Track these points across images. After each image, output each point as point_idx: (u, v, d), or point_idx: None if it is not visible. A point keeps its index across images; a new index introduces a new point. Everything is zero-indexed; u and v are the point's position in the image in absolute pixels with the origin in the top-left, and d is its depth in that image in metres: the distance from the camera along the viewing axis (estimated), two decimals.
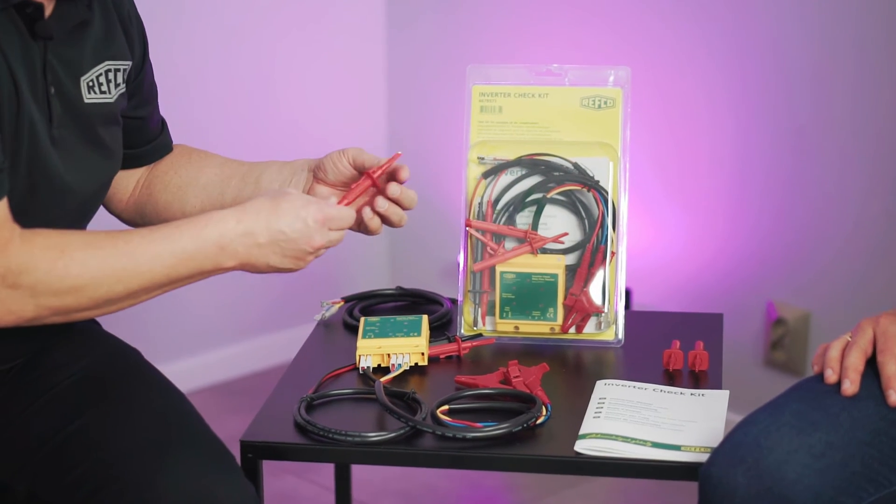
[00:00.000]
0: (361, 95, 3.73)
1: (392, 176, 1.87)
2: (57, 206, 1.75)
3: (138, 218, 2.01)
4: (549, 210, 2.00)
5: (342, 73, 3.69)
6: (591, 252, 1.98)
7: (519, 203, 2.00)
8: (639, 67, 2.40)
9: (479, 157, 2.01)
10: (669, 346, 1.93)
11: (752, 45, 3.01)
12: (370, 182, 1.86)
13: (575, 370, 1.95)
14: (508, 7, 3.41)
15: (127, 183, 1.99)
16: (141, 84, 1.93)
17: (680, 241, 3.19)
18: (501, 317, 1.98)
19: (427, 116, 3.64)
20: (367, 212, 1.86)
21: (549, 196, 2.00)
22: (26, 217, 1.65)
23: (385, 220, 1.87)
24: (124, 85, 1.86)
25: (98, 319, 1.98)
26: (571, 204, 2.00)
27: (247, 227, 1.71)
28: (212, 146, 2.09)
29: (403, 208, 1.87)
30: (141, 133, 1.97)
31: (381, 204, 1.85)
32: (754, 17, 3.00)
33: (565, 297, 1.97)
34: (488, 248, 1.99)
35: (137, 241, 1.66)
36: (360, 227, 1.88)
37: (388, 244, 3.75)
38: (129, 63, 1.86)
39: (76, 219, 1.82)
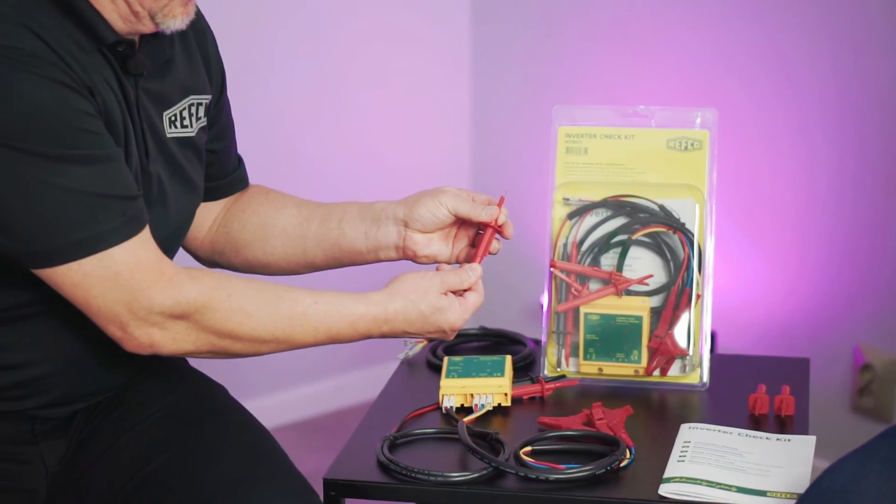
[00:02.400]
0: (446, 134, 3.74)
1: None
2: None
3: (215, 255, 2.03)
4: (634, 252, 1.99)
5: (427, 112, 3.70)
6: (677, 294, 1.97)
7: (604, 244, 2.00)
8: (726, 109, 2.39)
9: (564, 198, 2.01)
10: (755, 391, 1.91)
11: (840, 86, 2.99)
12: (493, 232, 1.88)
13: (659, 413, 1.94)
14: (595, 47, 3.41)
15: (204, 220, 2.02)
16: (218, 117, 1.95)
17: (765, 285, 3.17)
18: (585, 358, 1.98)
19: (512, 156, 3.64)
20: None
21: (634, 238, 1.99)
22: None
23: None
24: (205, 118, 1.89)
25: None
26: (657, 246, 1.99)
27: (393, 329, 1.79)
28: (296, 181, 2.12)
29: (503, 237, 1.92)
30: (218, 167, 1.99)
31: (496, 246, 1.91)
32: (845, 60, 2.98)
33: (650, 340, 1.96)
34: (573, 289, 1.99)
35: (300, 312, 1.73)
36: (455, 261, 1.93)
37: None
38: (210, 97, 1.89)
39: (163, 252, 1.85)
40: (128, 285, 1.65)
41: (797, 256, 3.12)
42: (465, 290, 1.83)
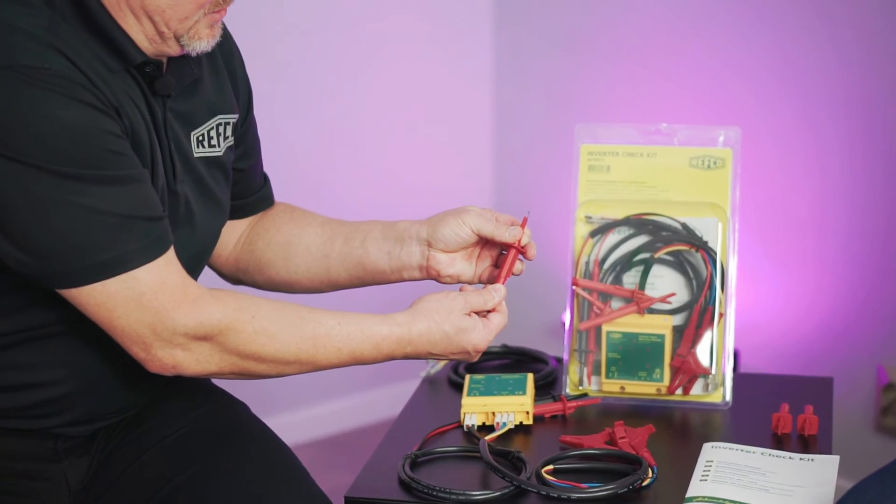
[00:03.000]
0: (468, 152, 3.74)
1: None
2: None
3: (240, 273, 2.04)
4: (656, 270, 1.99)
5: (449, 130, 3.71)
6: (699, 313, 1.96)
7: (626, 262, 1.99)
8: (749, 127, 2.39)
9: (586, 216, 2.01)
10: (778, 410, 1.90)
11: (863, 105, 2.98)
12: (517, 253, 1.88)
13: (681, 432, 1.94)
14: (618, 65, 3.41)
15: (228, 237, 2.02)
16: (245, 136, 1.96)
17: (788, 303, 3.16)
18: (607, 377, 1.97)
19: (534, 174, 3.64)
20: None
21: (656, 256, 1.99)
22: None
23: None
24: (232, 138, 1.89)
25: None
26: (679, 264, 1.99)
27: (417, 350, 1.78)
28: (317, 199, 2.13)
29: (525, 258, 1.91)
30: (244, 185, 2.00)
31: (519, 267, 1.90)
32: (868, 79, 2.97)
33: (672, 358, 1.96)
34: (595, 308, 1.98)
35: (324, 333, 1.73)
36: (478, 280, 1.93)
37: None
38: (237, 116, 1.89)
39: (190, 272, 1.85)
40: (152, 306, 1.65)
41: (820, 275, 3.11)
42: (489, 311, 1.82)
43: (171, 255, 1.68)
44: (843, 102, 3.01)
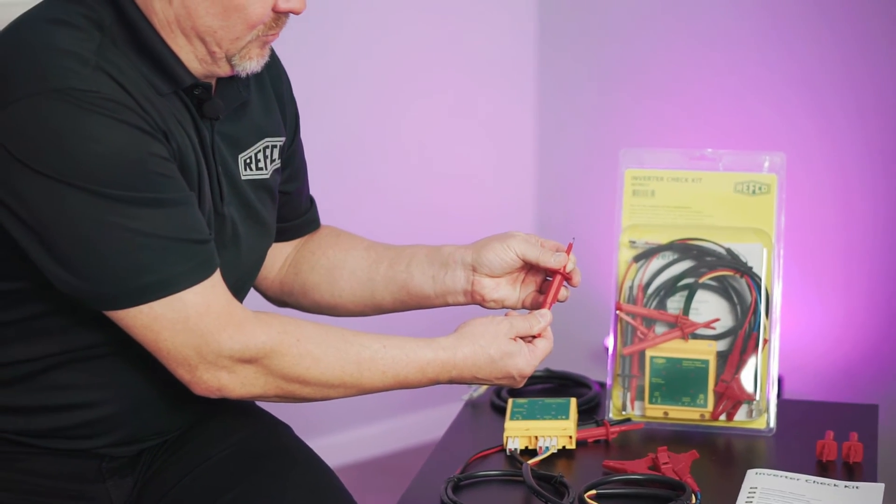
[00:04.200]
0: (511, 177, 3.75)
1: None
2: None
3: (285, 296, 2.04)
4: (700, 295, 1.98)
5: (492, 155, 3.72)
6: (743, 339, 1.96)
7: (670, 287, 1.99)
8: (794, 153, 2.39)
9: (630, 241, 2.01)
10: (822, 437, 1.89)
11: None
12: (562, 279, 1.88)
13: (725, 458, 1.93)
14: (662, 90, 3.41)
15: (274, 260, 2.03)
16: (292, 159, 1.97)
17: (833, 329, 3.14)
18: (651, 402, 1.97)
19: (577, 199, 3.64)
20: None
21: (700, 281, 1.98)
22: None
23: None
24: (279, 160, 1.90)
25: None
26: (723, 290, 1.98)
27: (461, 374, 1.78)
28: (359, 221, 2.13)
29: (570, 285, 1.92)
30: (290, 207, 2.01)
31: (564, 294, 1.90)
32: None
33: (716, 384, 1.95)
34: (638, 333, 1.98)
35: (369, 357, 1.73)
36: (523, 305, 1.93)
37: None
38: (284, 139, 1.90)
39: (235, 293, 1.86)
40: (197, 329, 1.66)
41: (865, 301, 3.09)
42: (534, 337, 1.82)
43: (217, 278, 1.69)
44: (886, 129, 3.00)
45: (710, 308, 1.98)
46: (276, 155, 1.89)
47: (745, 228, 1.99)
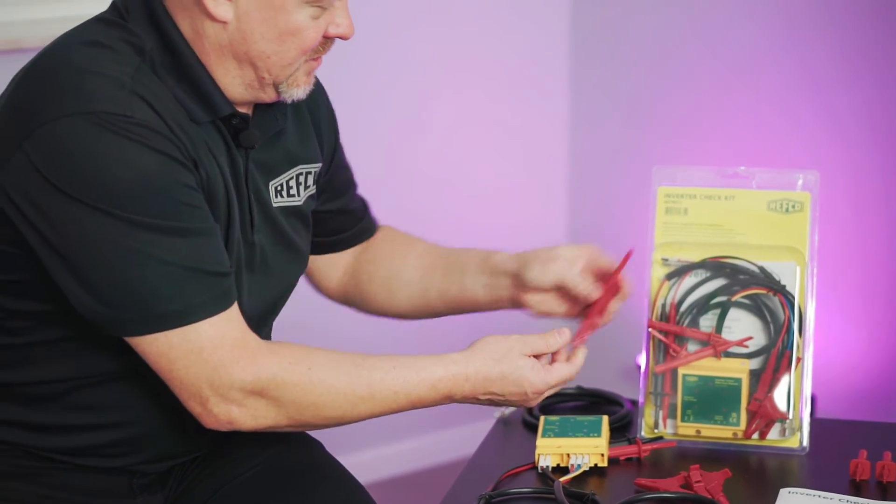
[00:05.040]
0: (544, 192, 3.75)
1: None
2: (249, 307, 1.80)
3: (348, 302, 2.09)
4: (733, 313, 1.98)
5: (525, 171, 3.72)
6: (776, 357, 1.95)
7: (703, 305, 1.98)
8: (828, 171, 2.38)
9: (663, 259, 2.01)
10: (856, 456, 1.88)
11: None
12: (616, 291, 1.89)
13: (758, 477, 1.92)
14: (695, 108, 3.40)
15: (333, 271, 2.05)
16: (332, 181, 1.97)
17: (867, 348, 3.13)
18: (683, 420, 1.96)
19: (610, 216, 3.64)
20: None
21: (733, 299, 1.98)
22: None
23: None
24: (314, 186, 1.90)
25: None
26: (756, 308, 1.97)
27: (474, 388, 1.77)
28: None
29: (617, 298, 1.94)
30: (340, 221, 2.02)
31: (615, 305, 1.92)
32: None
33: (749, 402, 1.94)
34: (671, 350, 1.98)
35: (380, 378, 1.72)
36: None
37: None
38: (320, 165, 1.91)
39: (263, 318, 1.87)
40: (211, 360, 1.65)
41: None
42: (554, 355, 1.82)
43: (234, 311, 1.69)
44: None
45: (742, 326, 1.98)
46: (310, 181, 1.89)
47: (779, 247, 1.98)
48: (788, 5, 3.21)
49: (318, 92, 1.92)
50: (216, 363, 1.65)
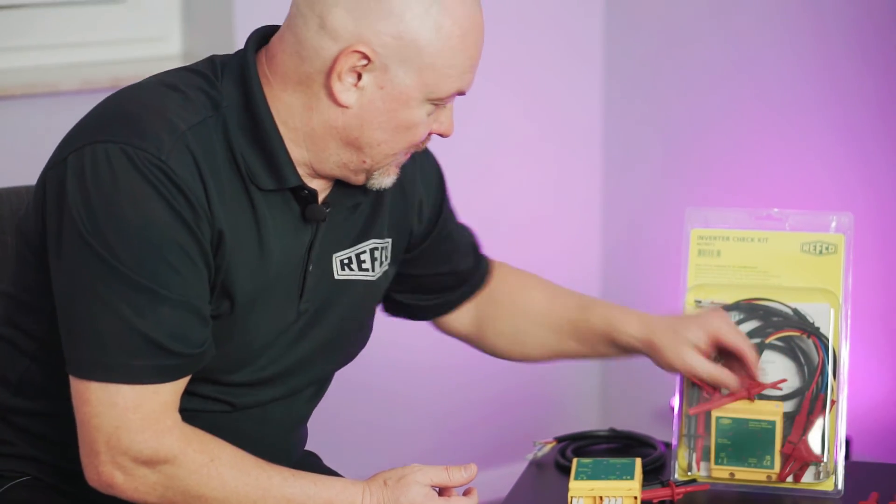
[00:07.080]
0: (577, 234, 3.75)
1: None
2: (294, 377, 1.81)
3: (477, 347, 2.10)
4: (767, 356, 1.97)
5: (557, 211, 3.72)
6: (811, 399, 1.94)
7: None
8: (861, 213, 2.37)
9: (696, 301, 2.00)
10: (892, 499, 1.87)
11: None
12: (745, 396, 1.93)
13: None
14: (728, 150, 3.40)
15: (458, 324, 2.07)
16: (435, 246, 1.97)
17: None
18: (717, 462, 1.95)
19: (643, 258, 3.63)
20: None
21: (767, 341, 1.97)
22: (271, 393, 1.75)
23: None
24: (387, 263, 1.88)
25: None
26: (790, 350, 1.97)
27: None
28: None
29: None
30: (450, 281, 2.02)
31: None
32: None
33: (783, 445, 1.94)
34: (704, 393, 1.97)
35: (278, 483, 1.68)
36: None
37: (600, 383, 3.73)
38: (389, 241, 1.88)
39: (316, 390, 1.88)
40: (117, 420, 1.63)
41: None
42: (462, 488, 1.77)
43: (167, 388, 1.65)
44: None
45: (776, 368, 1.97)
46: (384, 256, 1.87)
47: (812, 288, 1.98)
48: (824, 50, 3.21)
49: (415, 165, 1.89)
50: (120, 424, 1.62)
